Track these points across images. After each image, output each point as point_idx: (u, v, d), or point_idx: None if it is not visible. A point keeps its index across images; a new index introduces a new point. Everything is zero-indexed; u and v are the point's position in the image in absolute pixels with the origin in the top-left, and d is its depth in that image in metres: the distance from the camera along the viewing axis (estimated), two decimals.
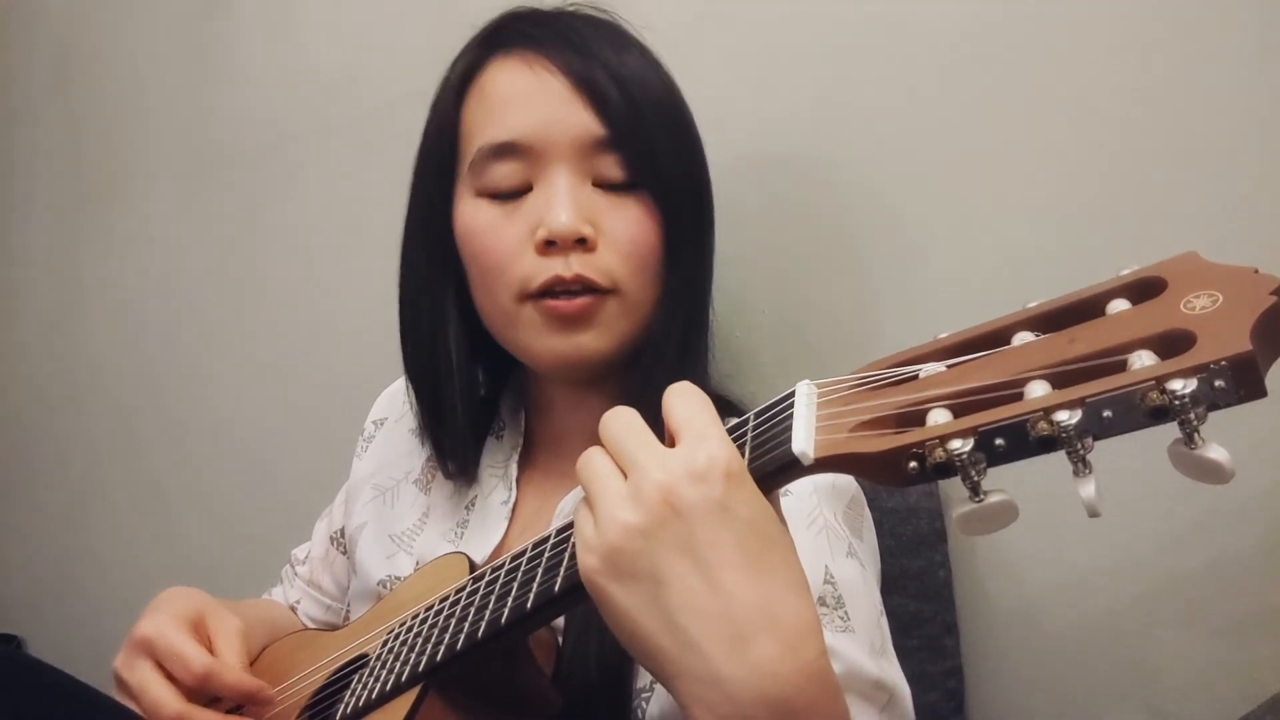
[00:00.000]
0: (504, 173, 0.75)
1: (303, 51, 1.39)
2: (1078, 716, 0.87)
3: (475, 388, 0.84)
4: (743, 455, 0.49)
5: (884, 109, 0.95)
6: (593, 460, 0.50)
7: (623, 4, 0.85)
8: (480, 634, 0.58)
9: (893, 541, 0.91)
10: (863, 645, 0.67)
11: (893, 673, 0.69)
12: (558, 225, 0.72)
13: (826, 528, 0.71)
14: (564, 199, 0.73)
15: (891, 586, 0.83)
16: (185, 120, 1.52)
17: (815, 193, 0.99)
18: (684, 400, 0.49)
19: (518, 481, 0.84)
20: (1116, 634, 0.86)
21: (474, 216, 0.77)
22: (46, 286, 1.76)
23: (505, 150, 0.75)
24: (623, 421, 0.50)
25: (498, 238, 0.75)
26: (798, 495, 0.72)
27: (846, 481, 0.77)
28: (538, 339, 0.76)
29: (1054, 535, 0.88)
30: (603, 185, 0.76)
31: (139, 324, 1.62)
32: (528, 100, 0.75)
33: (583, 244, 0.73)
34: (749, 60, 1.03)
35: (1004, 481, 0.42)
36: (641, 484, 0.46)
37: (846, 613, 0.68)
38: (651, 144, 0.75)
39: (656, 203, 0.76)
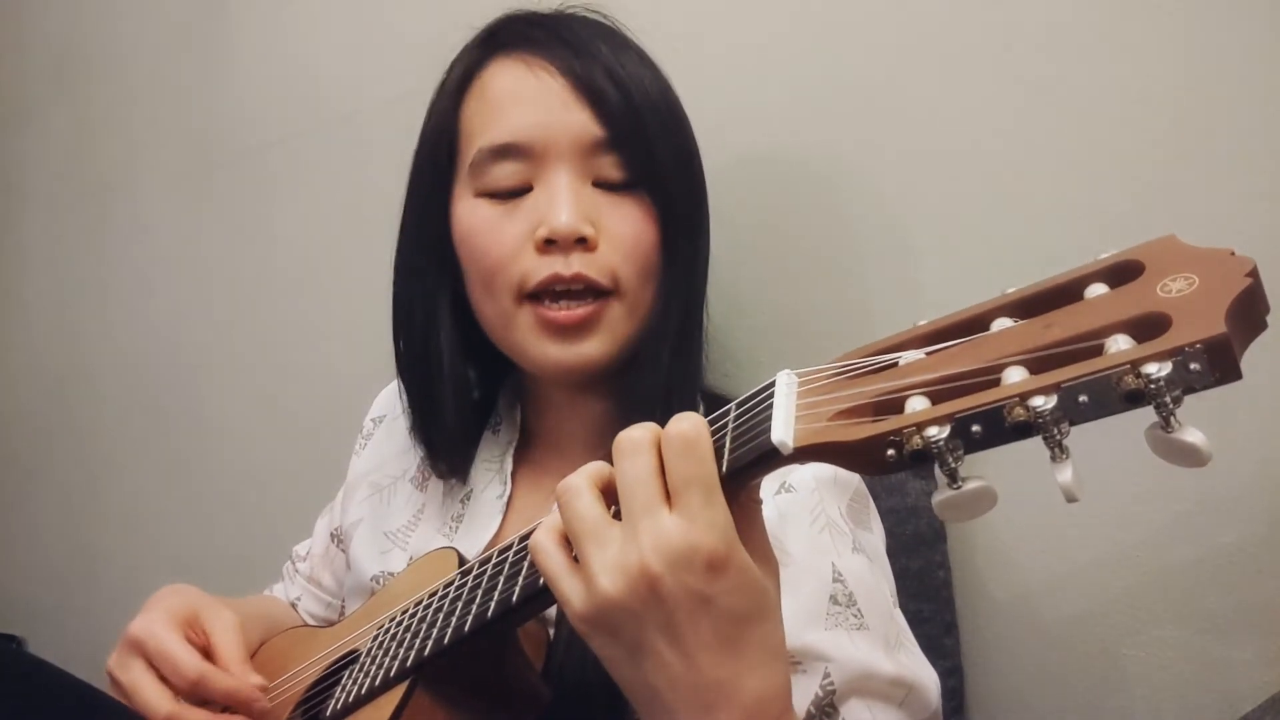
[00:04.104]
0: (504, 173, 0.76)
1: (301, 51, 1.40)
2: (1077, 715, 0.87)
3: (467, 388, 0.84)
4: (723, 446, 0.49)
5: (883, 108, 0.95)
6: (581, 499, 0.50)
7: (620, 7, 0.85)
8: (467, 628, 0.58)
9: (892, 541, 0.90)
10: (877, 642, 0.68)
11: (910, 664, 0.69)
12: (559, 224, 0.72)
13: (830, 525, 0.71)
14: (565, 198, 0.73)
15: None
16: (185, 120, 1.53)
17: (815, 192, 0.99)
18: (686, 463, 0.48)
19: (513, 476, 0.84)
20: (1116, 632, 0.85)
21: (473, 216, 0.77)
22: (46, 287, 1.77)
23: (506, 151, 0.75)
24: (639, 465, 0.49)
25: (497, 236, 0.76)
26: (801, 490, 0.72)
27: (849, 474, 0.76)
28: (535, 344, 0.76)
29: (1054, 534, 0.88)
30: (602, 185, 0.76)
31: (139, 324, 1.62)
32: (528, 101, 0.75)
33: (583, 243, 0.74)
34: (746, 62, 1.03)
35: (1006, 482, 0.41)
36: (628, 557, 0.47)
37: (860, 609, 0.68)
38: (650, 145, 0.76)
39: (655, 203, 0.77)
